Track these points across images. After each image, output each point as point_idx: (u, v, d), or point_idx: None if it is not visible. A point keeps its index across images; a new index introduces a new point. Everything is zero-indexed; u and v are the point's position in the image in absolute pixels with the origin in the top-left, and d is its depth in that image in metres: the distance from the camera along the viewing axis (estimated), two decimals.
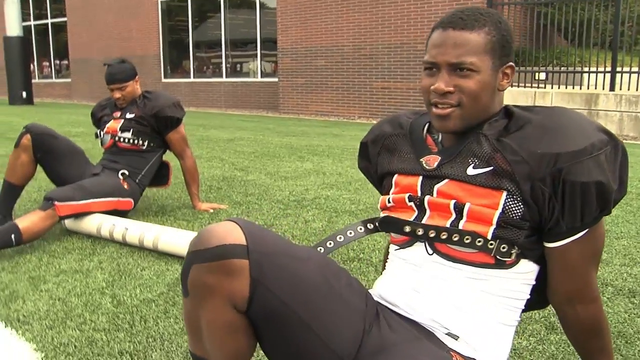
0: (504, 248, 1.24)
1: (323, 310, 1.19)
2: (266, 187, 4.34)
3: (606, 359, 1.37)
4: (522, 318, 2.10)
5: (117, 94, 3.45)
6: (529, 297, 1.33)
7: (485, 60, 1.25)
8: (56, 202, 2.93)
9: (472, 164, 1.27)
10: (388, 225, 1.38)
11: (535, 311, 2.16)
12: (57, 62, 20.02)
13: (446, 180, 1.30)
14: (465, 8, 1.31)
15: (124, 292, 2.37)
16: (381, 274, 1.50)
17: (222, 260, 1.12)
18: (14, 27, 14.69)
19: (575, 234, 1.23)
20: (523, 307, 1.34)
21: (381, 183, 1.52)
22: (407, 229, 1.33)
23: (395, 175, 1.42)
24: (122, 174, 3.40)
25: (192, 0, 14.95)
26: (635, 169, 5.43)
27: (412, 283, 1.34)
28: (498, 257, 1.25)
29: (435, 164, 1.32)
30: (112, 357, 1.83)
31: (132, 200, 3.39)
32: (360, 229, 1.50)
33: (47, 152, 3.30)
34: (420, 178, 1.35)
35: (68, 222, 3.16)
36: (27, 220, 2.84)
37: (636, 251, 2.88)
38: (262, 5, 13.58)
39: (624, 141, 8.10)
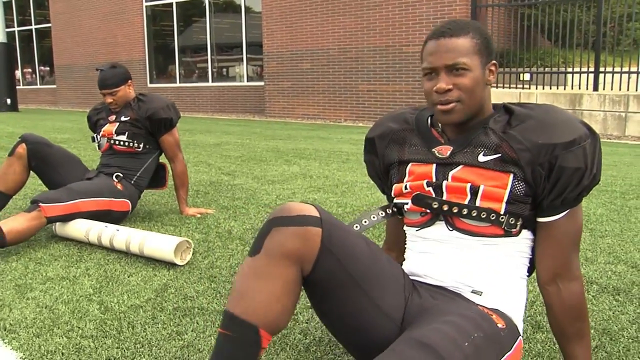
0: (512, 221, 1.48)
1: (376, 279, 1.43)
2: (253, 191, 4.34)
3: (584, 343, 1.54)
4: None
5: (109, 99, 3.48)
6: (530, 256, 1.58)
7: (474, 59, 1.48)
8: (41, 204, 2.92)
9: (482, 152, 1.50)
10: (419, 200, 1.57)
11: None
12: (42, 68, 19.90)
13: (460, 167, 1.52)
14: (449, 21, 1.55)
15: (112, 298, 2.36)
16: None
17: (303, 226, 1.35)
18: None
19: (563, 211, 1.48)
20: (528, 265, 1.58)
21: (387, 173, 1.72)
22: (435, 204, 1.54)
23: (409, 165, 1.62)
24: (117, 176, 3.42)
25: (177, 5, 14.91)
26: (620, 167, 5.49)
27: (437, 256, 1.57)
28: (506, 228, 1.49)
29: (448, 152, 1.55)
30: None
31: (128, 202, 3.39)
32: (381, 213, 1.70)
33: (42, 161, 3.33)
34: (434, 166, 1.56)
35: (58, 229, 3.14)
36: (11, 221, 2.83)
37: (620, 249, 2.91)
38: (247, 9, 13.58)
39: (608, 140, 8.18)
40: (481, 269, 1.53)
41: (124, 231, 2.90)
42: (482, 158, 1.50)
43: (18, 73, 19.84)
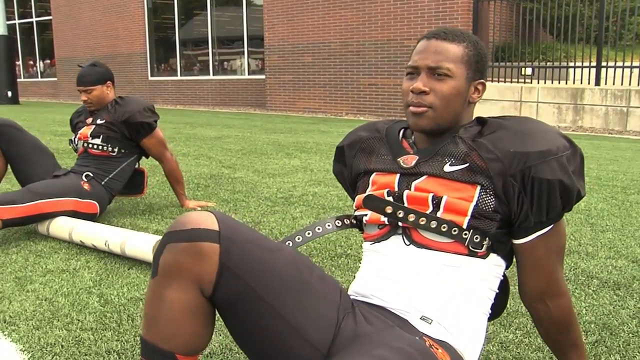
0: (476, 238, 1.35)
1: (294, 300, 1.25)
2: (253, 184, 4.33)
3: (577, 350, 1.48)
4: (509, 312, 2.12)
5: (84, 97, 3.38)
6: (497, 291, 1.44)
7: (460, 69, 1.39)
8: None
9: (449, 162, 1.38)
10: (372, 202, 1.44)
11: (521, 305, 2.18)
12: (43, 60, 19.88)
13: (424, 177, 1.40)
14: (449, 27, 1.49)
15: (111, 291, 2.36)
16: None
17: (195, 241, 1.20)
18: None
19: (542, 229, 1.35)
20: (492, 301, 1.44)
21: (354, 186, 1.61)
22: (389, 209, 1.40)
23: (373, 174, 1.51)
24: (86, 176, 3.29)
25: None
26: (621, 162, 5.48)
27: (387, 272, 1.41)
28: (471, 247, 1.35)
29: (413, 162, 1.43)
30: (100, 356, 1.83)
31: (95, 204, 3.25)
32: (329, 225, 1.59)
33: (10, 144, 3.25)
34: (398, 176, 1.45)
35: (40, 229, 3.08)
36: None
37: (621, 244, 2.90)
38: (248, 2, 13.55)
39: (610, 135, 8.17)
40: (436, 292, 1.36)
41: (102, 233, 2.81)
42: (448, 168, 1.38)
43: (19, 65, 19.82)
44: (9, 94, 14.68)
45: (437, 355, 1.26)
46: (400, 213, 1.38)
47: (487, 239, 1.36)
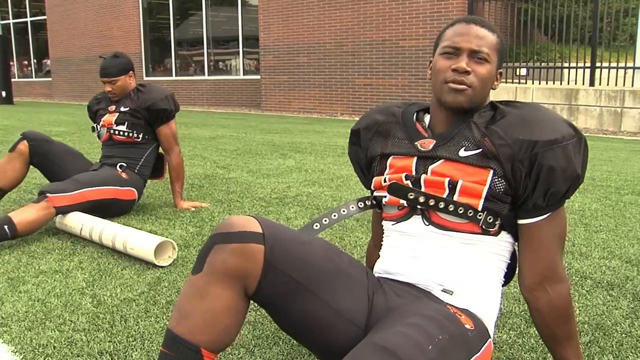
0: (490, 219, 1.45)
1: (331, 285, 1.38)
2: (248, 184, 4.33)
3: (573, 344, 1.52)
4: (503, 312, 2.12)
5: (108, 88, 3.51)
6: (509, 261, 1.56)
7: (494, 56, 1.51)
8: (48, 194, 2.97)
9: (464, 147, 1.47)
10: (395, 190, 1.53)
11: (515, 305, 2.18)
12: (37, 60, 19.82)
13: (441, 161, 1.49)
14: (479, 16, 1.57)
15: (105, 291, 2.35)
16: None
17: (243, 243, 1.31)
18: None
19: (545, 212, 1.45)
20: (505, 270, 1.55)
21: (369, 168, 1.70)
22: (412, 195, 1.50)
23: (390, 158, 1.59)
24: (120, 166, 3.45)
25: None
26: (615, 162, 5.49)
27: (410, 251, 1.53)
28: (484, 227, 1.46)
29: (431, 146, 1.52)
30: (92, 357, 1.82)
31: (134, 190, 3.43)
32: (352, 207, 1.67)
33: (44, 157, 3.41)
34: (415, 159, 1.54)
35: (58, 222, 3.14)
36: (21, 212, 2.88)
37: (615, 244, 2.91)
38: (243, 2, 13.54)
39: (604, 135, 8.19)
40: (455, 267, 1.48)
41: (111, 228, 2.87)
42: (463, 153, 1.47)
43: (14, 65, 19.76)
44: (3, 94, 14.63)
45: (461, 320, 1.38)
46: (421, 198, 1.48)
47: (499, 218, 1.46)
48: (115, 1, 15.96)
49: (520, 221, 1.48)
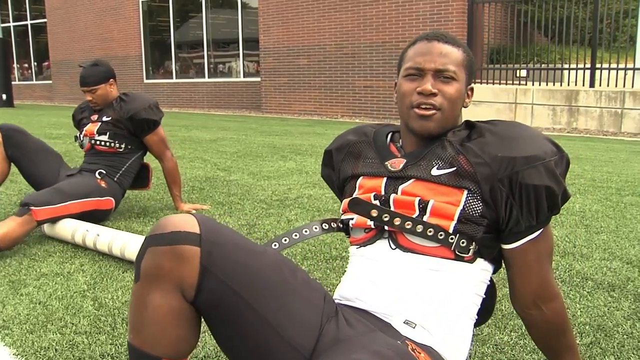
0: (463, 243, 1.34)
1: (278, 303, 1.23)
2: (249, 187, 4.33)
3: (573, 354, 1.48)
4: (504, 313, 2.12)
5: (89, 97, 3.44)
6: (484, 296, 1.44)
7: (461, 72, 1.41)
8: (32, 208, 2.90)
9: (436, 166, 1.38)
10: (357, 206, 1.43)
11: None
12: (38, 63, 19.84)
13: (411, 181, 1.39)
14: (441, 31, 1.49)
15: (106, 294, 2.36)
16: None
17: (175, 245, 1.17)
18: None
19: (532, 233, 1.36)
20: (479, 306, 1.43)
21: (342, 189, 1.61)
22: (375, 212, 1.39)
23: (360, 178, 1.50)
24: (100, 173, 3.38)
25: (173, 1, 14.87)
26: (615, 163, 5.50)
27: (372, 276, 1.40)
28: (457, 251, 1.34)
29: (401, 165, 1.42)
30: (94, 359, 1.82)
31: (112, 199, 3.35)
32: (316, 228, 1.56)
33: (17, 148, 3.33)
34: (385, 179, 1.44)
35: (47, 229, 3.12)
36: (4, 226, 2.82)
37: (616, 245, 2.91)
38: (243, 5, 13.55)
39: (604, 137, 8.19)
40: (420, 296, 1.34)
41: (106, 234, 2.83)
42: (435, 172, 1.37)
43: (14, 68, 19.78)
44: (4, 97, 14.64)
45: (419, 358, 1.24)
46: (385, 217, 1.37)
47: (473, 243, 1.35)
48: (116, 4, 15.98)
49: (506, 246, 1.38)
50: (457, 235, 1.33)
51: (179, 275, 1.18)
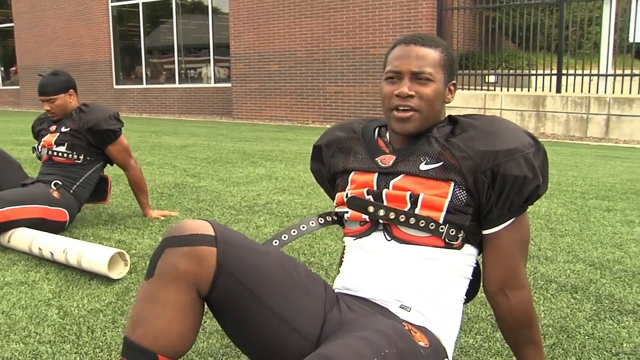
0: (452, 232, 1.45)
1: (284, 296, 1.35)
2: (218, 193, 4.31)
3: (535, 349, 1.55)
4: (469, 317, 2.14)
5: (47, 107, 3.37)
6: (471, 277, 1.55)
7: (439, 73, 1.49)
8: None
9: (424, 161, 1.48)
10: (355, 203, 1.53)
11: (482, 310, 2.21)
12: (5, 68, 19.51)
13: (401, 176, 1.50)
14: (420, 33, 1.56)
15: (71, 302, 2.33)
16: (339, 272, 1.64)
17: (194, 246, 1.30)
18: None
19: (507, 220, 1.46)
20: (467, 287, 1.55)
21: (333, 183, 1.71)
22: (372, 208, 1.50)
23: (352, 173, 1.59)
24: (55, 184, 3.28)
25: (143, 6, 14.76)
26: (581, 168, 5.60)
27: (369, 267, 1.51)
28: (447, 240, 1.46)
29: (391, 162, 1.52)
30: None
31: (65, 211, 3.25)
32: (313, 223, 1.65)
33: None
34: (376, 175, 1.54)
35: (2, 240, 3.04)
36: None
37: (579, 248, 2.96)
38: (214, 10, 13.51)
39: (570, 141, 8.33)
40: (414, 283, 1.47)
41: (60, 245, 2.76)
42: (423, 167, 1.48)
43: None
44: None
45: (415, 338, 1.36)
46: (381, 212, 1.48)
47: (462, 231, 1.46)
48: (85, 8, 15.80)
49: (486, 231, 1.49)
50: (447, 225, 1.45)
51: (196, 274, 1.29)
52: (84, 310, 2.25)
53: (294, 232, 1.63)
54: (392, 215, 1.47)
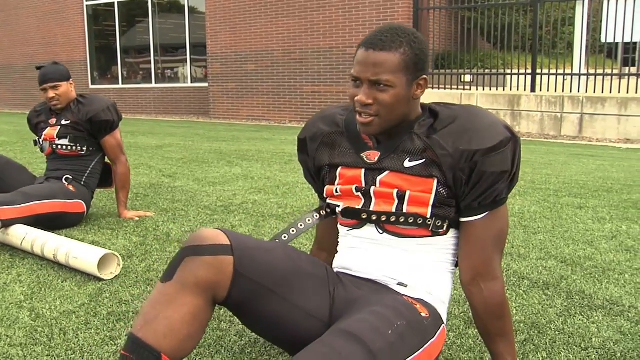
0: (438, 223, 1.56)
1: (295, 285, 1.49)
2: (193, 193, 4.30)
3: (506, 341, 1.61)
4: None
5: (51, 93, 3.39)
6: (457, 251, 1.66)
7: (399, 77, 1.48)
8: None
9: (408, 158, 1.55)
10: (349, 214, 1.64)
11: (455, 307, 2.23)
12: None
13: (387, 172, 1.57)
14: (385, 28, 1.51)
15: (44, 304, 2.31)
16: None
17: (215, 255, 1.40)
18: None
19: (482, 212, 1.54)
20: (454, 259, 1.66)
21: (318, 174, 1.76)
22: (364, 215, 1.61)
23: (339, 168, 1.66)
24: (66, 179, 3.39)
25: (119, 5, 14.64)
26: (554, 166, 5.67)
27: (367, 252, 1.64)
28: (434, 230, 1.57)
29: (376, 158, 1.58)
30: None
31: (82, 203, 3.38)
32: (309, 219, 1.75)
33: None
34: (363, 170, 1.61)
35: (0, 236, 3.05)
36: None
37: (551, 245, 3.00)
38: (191, 9, 13.44)
39: (545, 140, 8.43)
40: (408, 264, 1.60)
41: (54, 241, 2.79)
42: (407, 164, 1.54)
43: None
44: None
45: (417, 308, 1.51)
46: (374, 217, 1.59)
47: (447, 221, 1.56)
48: (59, 7, 15.62)
49: (462, 219, 1.57)
50: (434, 218, 1.55)
51: (215, 281, 1.40)
52: (56, 312, 2.23)
53: (293, 231, 1.72)
54: (383, 218, 1.58)
